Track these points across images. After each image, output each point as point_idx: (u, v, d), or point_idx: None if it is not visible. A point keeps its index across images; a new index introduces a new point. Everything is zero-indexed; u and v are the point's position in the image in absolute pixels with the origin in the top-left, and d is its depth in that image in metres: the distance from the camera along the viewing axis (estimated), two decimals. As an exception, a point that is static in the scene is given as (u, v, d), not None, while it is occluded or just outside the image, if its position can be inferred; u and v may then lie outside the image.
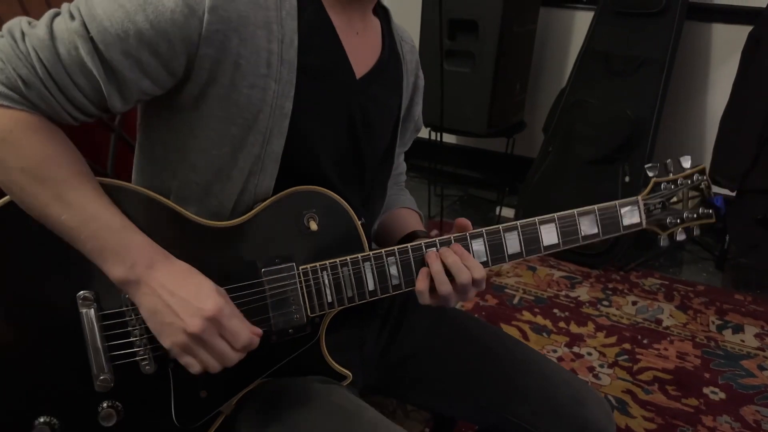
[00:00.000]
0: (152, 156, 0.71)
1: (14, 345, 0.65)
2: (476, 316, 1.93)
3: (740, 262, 2.36)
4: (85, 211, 0.60)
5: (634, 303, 2.13)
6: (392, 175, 0.90)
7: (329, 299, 0.70)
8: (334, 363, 0.75)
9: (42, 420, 0.65)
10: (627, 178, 2.22)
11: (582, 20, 2.58)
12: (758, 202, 2.10)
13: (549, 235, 0.80)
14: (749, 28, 2.07)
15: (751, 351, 1.89)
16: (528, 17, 2.46)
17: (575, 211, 0.81)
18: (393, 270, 0.72)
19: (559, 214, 0.80)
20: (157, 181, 0.70)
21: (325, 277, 0.70)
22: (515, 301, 2.10)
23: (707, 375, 1.77)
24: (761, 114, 2.00)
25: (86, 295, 0.65)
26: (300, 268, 0.69)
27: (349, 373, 0.76)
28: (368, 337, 0.86)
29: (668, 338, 1.93)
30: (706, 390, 1.71)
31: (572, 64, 2.42)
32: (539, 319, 2.00)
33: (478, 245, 0.76)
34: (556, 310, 2.05)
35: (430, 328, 0.88)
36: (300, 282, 0.69)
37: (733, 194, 2.18)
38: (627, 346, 1.89)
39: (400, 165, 1.00)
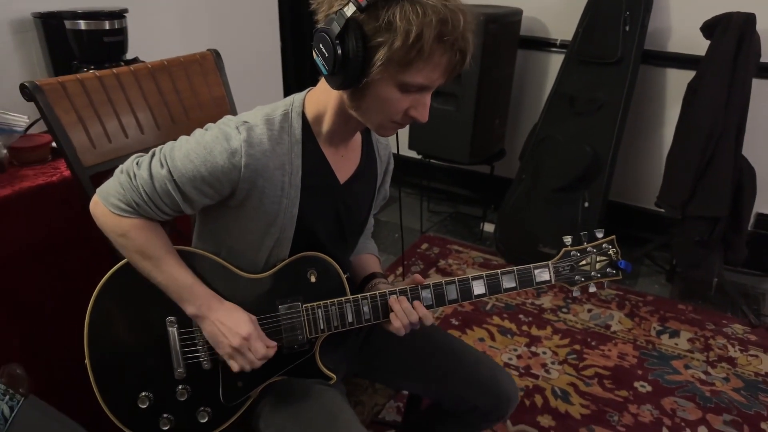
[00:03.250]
0: (208, 232, 1.11)
1: (130, 348, 1.06)
2: (451, 318, 2.34)
3: (687, 275, 2.74)
4: (171, 276, 1.01)
5: (589, 310, 2.51)
6: (364, 231, 1.30)
7: (322, 327, 1.09)
8: (324, 368, 1.13)
9: (143, 393, 1.06)
10: (586, 204, 2.60)
11: (555, 61, 2.94)
12: (697, 227, 2.46)
13: (478, 287, 1.10)
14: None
15: (681, 353, 2.27)
16: (506, 61, 2.83)
17: (499, 271, 1.09)
18: (366, 309, 1.09)
19: (487, 272, 1.09)
20: (211, 247, 1.10)
21: (320, 312, 1.08)
22: (488, 307, 2.50)
23: (640, 372, 2.16)
24: (697, 153, 2.36)
25: (171, 319, 1.05)
26: (303, 306, 1.08)
27: (334, 376, 1.14)
28: (349, 343, 1.26)
29: (613, 341, 2.32)
30: (636, 384, 2.09)
31: (545, 101, 2.79)
32: (506, 323, 2.39)
33: (426, 293, 1.10)
34: (521, 316, 2.45)
35: (391, 333, 1.19)
36: (303, 315, 1.08)
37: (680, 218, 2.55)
38: (577, 347, 2.27)
39: (370, 223, 1.38)
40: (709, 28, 2.35)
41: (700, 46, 2.41)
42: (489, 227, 3.12)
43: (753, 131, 2.48)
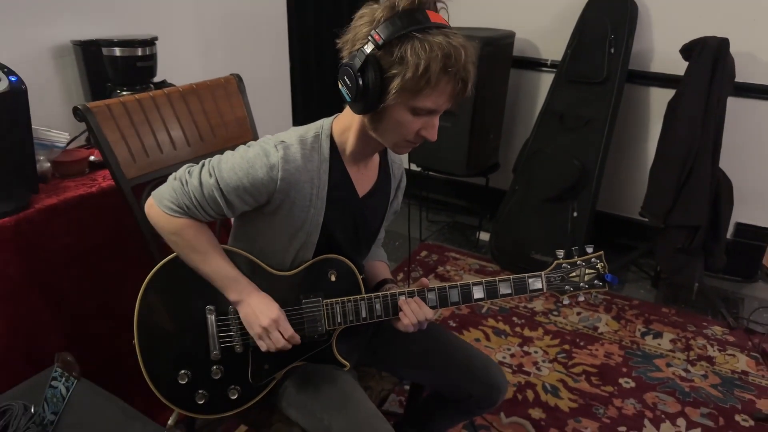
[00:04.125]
0: (243, 233, 1.27)
1: (173, 331, 1.23)
2: (449, 320, 2.50)
3: (671, 281, 2.91)
4: (216, 267, 1.18)
5: (578, 313, 2.68)
6: (377, 240, 1.47)
7: (339, 320, 1.25)
8: (339, 356, 1.29)
9: (182, 371, 1.23)
10: (575, 213, 2.78)
11: (546, 80, 3.13)
12: (678, 235, 2.64)
13: (478, 292, 1.24)
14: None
15: (664, 352, 2.44)
16: (500, 80, 3.02)
17: (497, 278, 1.23)
18: (378, 306, 1.25)
19: (486, 279, 1.23)
20: (244, 246, 1.26)
21: (338, 307, 1.24)
22: (483, 310, 2.66)
23: (625, 369, 2.32)
24: (677, 166, 2.54)
25: (210, 308, 1.22)
26: (324, 301, 1.24)
27: (348, 364, 1.30)
28: (361, 336, 1.42)
29: (600, 341, 2.48)
30: (621, 380, 2.25)
31: (537, 117, 2.98)
32: (500, 325, 2.56)
33: (431, 295, 1.25)
34: (514, 318, 2.61)
35: (397, 329, 1.36)
36: (323, 309, 1.24)
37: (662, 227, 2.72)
38: (566, 346, 2.44)
39: (381, 234, 1.55)
40: (687, 51, 2.55)
41: (681, 66, 2.59)
42: (485, 236, 3.29)
43: (730, 146, 2.67)
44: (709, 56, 2.44)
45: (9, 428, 1.03)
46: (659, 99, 2.90)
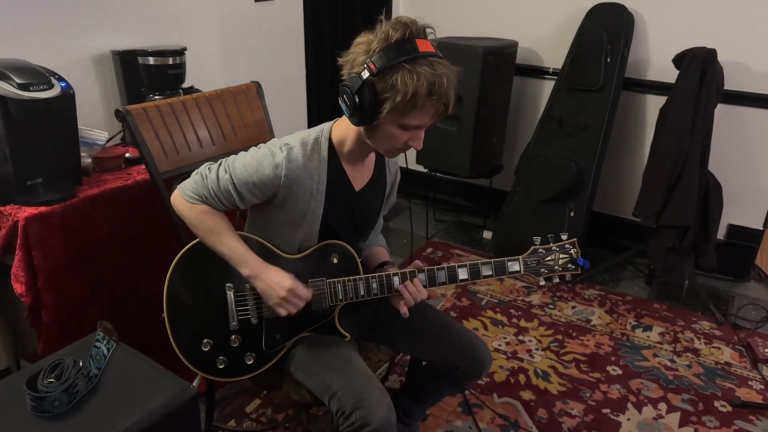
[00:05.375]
0: (256, 222, 1.48)
1: (197, 305, 1.43)
2: (450, 311, 2.67)
3: (663, 279, 3.05)
4: (231, 247, 1.37)
5: (573, 307, 2.84)
6: (375, 228, 1.66)
7: (340, 297, 1.43)
8: (341, 329, 1.47)
9: (205, 340, 1.42)
10: (572, 214, 2.94)
11: (548, 87, 3.30)
12: (669, 235, 2.78)
13: (462, 273, 1.42)
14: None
15: (651, 344, 2.59)
16: (503, 87, 3.20)
17: (479, 261, 1.41)
18: (374, 285, 1.43)
19: (470, 262, 1.41)
20: (259, 234, 1.46)
21: (339, 286, 1.43)
22: (483, 302, 2.84)
23: (613, 358, 2.47)
24: (667, 170, 2.69)
25: (229, 285, 1.42)
26: (327, 281, 1.43)
27: (348, 335, 1.49)
28: (361, 312, 1.61)
29: (592, 333, 2.64)
30: (608, 368, 2.41)
31: (538, 122, 3.15)
32: (498, 316, 2.73)
33: (422, 276, 1.43)
34: (512, 310, 2.78)
35: (394, 308, 1.53)
36: (327, 288, 1.43)
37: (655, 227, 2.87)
38: (559, 337, 2.60)
39: (380, 222, 1.73)
40: (677, 61, 2.70)
41: (673, 74, 2.74)
42: (488, 234, 3.46)
43: (720, 150, 2.82)
44: (698, 66, 2.60)
45: (62, 377, 1.23)
46: (654, 105, 3.05)
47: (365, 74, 1.21)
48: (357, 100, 1.23)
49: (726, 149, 2.90)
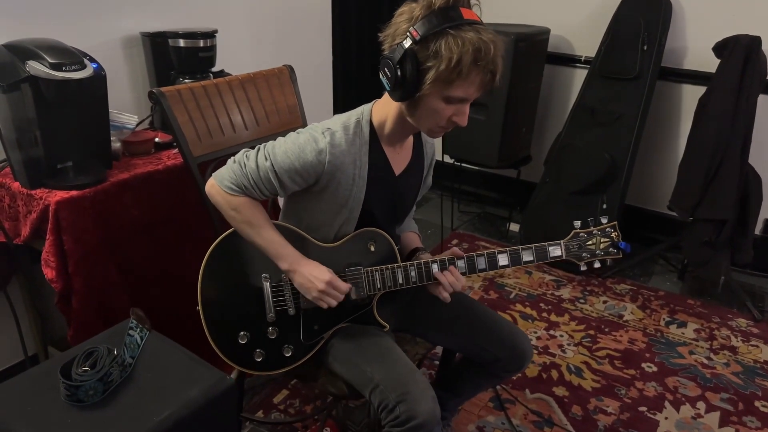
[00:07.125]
0: (291, 211, 1.42)
1: (233, 297, 1.38)
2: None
3: (698, 274, 2.97)
4: (269, 239, 1.32)
5: (604, 302, 2.77)
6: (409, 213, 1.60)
7: (378, 286, 1.38)
8: (379, 318, 1.43)
9: (242, 332, 1.38)
10: (605, 206, 2.86)
11: (579, 75, 3.22)
12: (705, 229, 2.70)
13: (503, 259, 1.38)
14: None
15: (687, 341, 2.52)
16: (533, 75, 3.12)
17: (519, 247, 1.37)
18: (413, 273, 1.38)
19: (510, 248, 1.37)
20: (294, 223, 1.41)
21: (377, 275, 1.38)
22: (512, 296, 2.77)
23: (648, 355, 2.41)
24: (706, 162, 2.60)
25: (266, 275, 1.37)
26: (364, 269, 1.38)
27: (387, 325, 1.45)
28: (398, 302, 1.55)
29: (625, 328, 2.57)
30: (643, 365, 2.34)
31: (569, 112, 3.07)
32: (528, 310, 2.67)
33: (461, 263, 1.39)
34: (542, 304, 2.72)
35: (431, 297, 1.48)
36: (364, 276, 1.38)
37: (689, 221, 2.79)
38: (591, 332, 2.54)
39: (414, 207, 1.67)
40: (719, 49, 2.61)
41: (713, 64, 2.65)
42: (514, 227, 3.39)
43: (761, 142, 2.72)
44: (741, 54, 2.50)
45: (97, 365, 1.20)
46: (691, 96, 2.96)
47: (407, 43, 1.15)
48: (399, 71, 1.17)
49: (764, 140, 2.80)
